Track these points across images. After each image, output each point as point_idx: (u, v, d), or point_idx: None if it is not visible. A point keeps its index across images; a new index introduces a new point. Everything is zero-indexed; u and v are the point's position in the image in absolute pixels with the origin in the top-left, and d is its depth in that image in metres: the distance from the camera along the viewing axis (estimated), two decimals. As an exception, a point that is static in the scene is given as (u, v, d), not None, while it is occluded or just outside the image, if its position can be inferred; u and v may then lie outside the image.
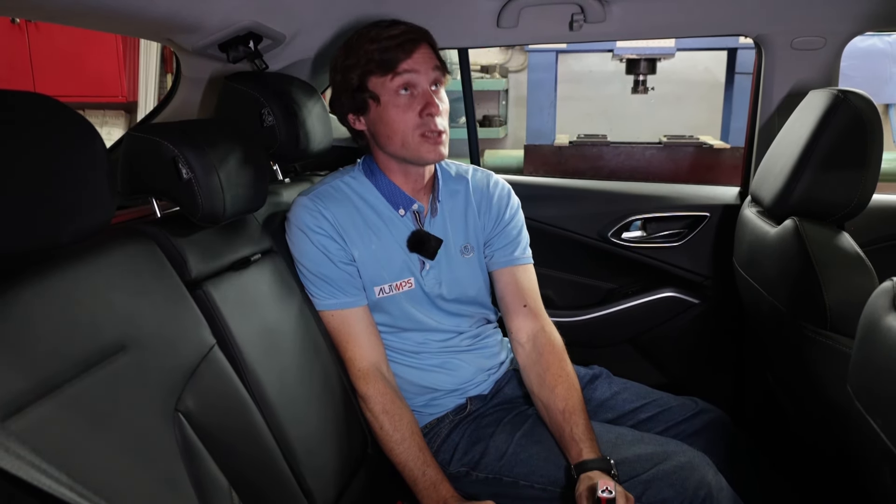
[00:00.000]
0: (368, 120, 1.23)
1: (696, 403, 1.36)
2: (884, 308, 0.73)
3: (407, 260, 1.28)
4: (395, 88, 1.17)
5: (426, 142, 1.18)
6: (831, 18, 1.56)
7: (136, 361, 0.87)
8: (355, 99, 1.21)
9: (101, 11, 1.10)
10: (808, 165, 1.25)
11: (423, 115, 1.17)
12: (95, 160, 0.81)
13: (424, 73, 1.18)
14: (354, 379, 1.25)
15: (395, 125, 1.18)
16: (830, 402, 1.05)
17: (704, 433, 1.31)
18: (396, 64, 1.16)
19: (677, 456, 1.13)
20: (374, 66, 1.17)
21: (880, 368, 0.73)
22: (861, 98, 1.23)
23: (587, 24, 1.60)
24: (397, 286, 1.27)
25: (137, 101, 3.77)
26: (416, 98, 1.18)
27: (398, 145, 1.20)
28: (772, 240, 1.31)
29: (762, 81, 1.69)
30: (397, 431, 1.21)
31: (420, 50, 1.18)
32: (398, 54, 1.16)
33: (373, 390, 1.23)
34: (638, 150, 3.08)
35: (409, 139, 1.19)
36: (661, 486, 1.10)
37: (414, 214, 1.29)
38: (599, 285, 1.99)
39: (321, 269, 1.24)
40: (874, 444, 0.73)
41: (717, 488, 1.10)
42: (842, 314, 1.08)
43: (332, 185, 1.28)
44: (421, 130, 1.18)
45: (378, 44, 1.16)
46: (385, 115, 1.19)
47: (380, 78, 1.17)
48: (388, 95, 1.18)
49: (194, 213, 1.06)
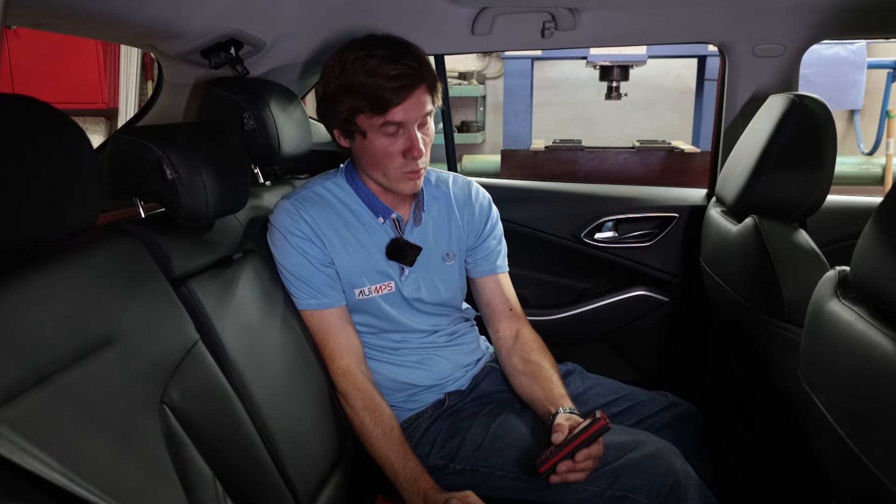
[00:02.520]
0: (353, 145, 1.25)
1: (667, 398, 1.41)
2: (827, 295, 0.79)
3: (386, 264, 1.31)
4: (382, 125, 1.18)
5: (405, 178, 1.23)
6: (790, 27, 1.64)
7: (123, 355, 0.90)
8: (342, 128, 1.24)
9: (83, 18, 1.14)
10: (766, 166, 1.32)
11: (407, 157, 1.20)
12: (82, 160, 0.84)
13: (414, 115, 1.18)
14: (334, 376, 1.28)
15: (378, 159, 1.22)
16: (786, 390, 1.11)
17: (674, 426, 1.36)
18: (387, 108, 1.16)
19: (647, 445, 1.17)
20: (364, 104, 1.16)
21: (824, 350, 0.78)
22: (816, 102, 1.30)
23: (558, 31, 1.67)
24: (377, 289, 1.31)
25: (118, 107, 3.77)
26: (402, 138, 1.19)
27: (379, 174, 1.25)
28: (734, 237, 1.37)
29: (726, 87, 1.77)
30: (377, 427, 1.24)
31: (414, 95, 1.17)
32: (392, 97, 1.15)
33: (352, 387, 1.27)
34: (611, 155, 3.15)
35: (390, 174, 1.23)
36: (631, 473, 1.14)
37: (393, 222, 1.32)
38: (573, 285, 2.05)
39: (300, 270, 1.27)
40: (820, 422, 0.79)
41: (684, 476, 1.14)
42: (798, 306, 1.14)
43: (313, 190, 1.31)
44: (403, 169, 1.22)
45: (373, 80, 1.14)
46: (370, 148, 1.21)
47: (369, 117, 1.18)
48: (374, 132, 1.19)
49: (178, 213, 1.09)
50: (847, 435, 0.71)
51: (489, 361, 1.44)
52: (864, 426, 0.68)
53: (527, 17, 1.66)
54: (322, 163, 1.89)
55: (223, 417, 1.03)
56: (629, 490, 1.13)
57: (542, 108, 4.49)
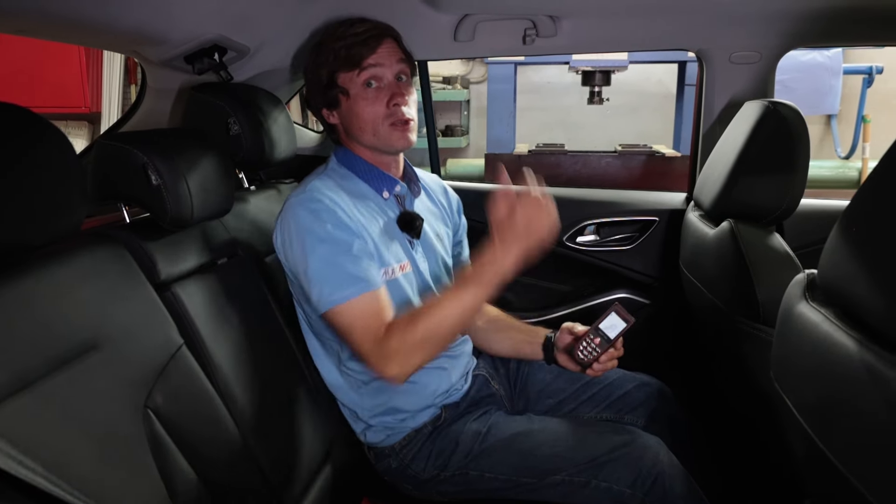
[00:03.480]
0: (341, 114, 1.28)
1: (637, 377, 1.45)
2: (796, 297, 0.82)
3: (400, 241, 1.29)
4: (362, 82, 1.23)
5: (395, 130, 1.24)
6: (766, 35, 1.67)
7: (107, 360, 0.91)
8: (327, 95, 1.26)
9: (66, 24, 1.14)
10: (741, 171, 1.35)
11: (391, 106, 1.23)
12: (65, 166, 0.85)
13: (389, 67, 1.24)
14: (386, 344, 1.11)
15: (364, 116, 1.24)
16: (761, 390, 1.14)
17: (647, 404, 1.40)
18: (361, 60, 1.22)
19: (633, 440, 1.20)
20: (341, 63, 1.23)
21: (793, 351, 0.81)
22: (789, 109, 1.33)
23: (539, 38, 1.69)
24: (401, 267, 1.27)
25: (101, 111, 3.74)
26: (383, 90, 1.23)
27: (370, 135, 1.25)
28: (710, 241, 1.40)
29: (704, 93, 1.80)
30: (426, 318, 1.12)
31: (384, 45, 1.24)
32: (362, 50, 1.22)
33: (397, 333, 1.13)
34: (594, 159, 3.19)
35: (380, 128, 1.24)
36: (617, 466, 1.16)
37: (396, 198, 1.32)
38: (556, 288, 2.07)
39: (339, 254, 1.14)
40: (791, 421, 0.82)
41: (669, 466, 1.17)
42: (772, 308, 1.17)
43: (319, 182, 1.24)
44: (390, 120, 1.24)
45: (344, 41, 1.22)
46: (355, 107, 1.24)
47: (347, 73, 1.23)
48: (357, 89, 1.23)
49: (163, 218, 1.10)
50: (815, 434, 0.73)
51: (476, 371, 1.45)
52: (830, 425, 0.71)
53: (508, 24, 1.69)
54: (307, 168, 1.90)
55: (207, 421, 1.04)
56: (614, 482, 1.16)
57: (525, 112, 4.52)
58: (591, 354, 1.25)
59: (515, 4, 1.60)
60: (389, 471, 1.30)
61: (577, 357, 1.26)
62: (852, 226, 0.68)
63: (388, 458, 1.29)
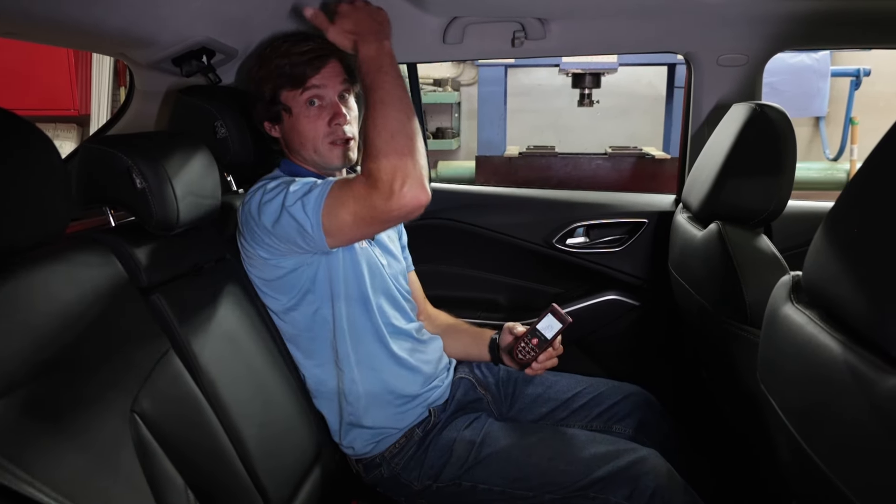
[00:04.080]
0: (283, 129, 1.30)
1: (626, 387, 1.45)
2: (782, 299, 0.82)
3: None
4: (305, 101, 1.25)
5: (335, 148, 1.26)
6: (753, 38, 1.68)
7: (91, 365, 0.90)
8: (269, 110, 1.28)
9: (54, 27, 1.13)
10: (729, 174, 1.35)
11: (332, 124, 1.25)
12: (51, 170, 0.84)
13: (332, 87, 1.26)
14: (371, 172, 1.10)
15: (306, 134, 1.26)
16: (749, 392, 1.14)
17: (636, 413, 1.41)
18: (305, 79, 1.24)
19: (630, 453, 1.20)
20: (284, 81, 1.24)
21: (778, 353, 0.81)
22: (776, 111, 1.34)
23: (528, 40, 1.69)
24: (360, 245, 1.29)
25: (90, 114, 3.72)
26: (325, 109, 1.25)
27: (310, 152, 1.27)
28: (699, 243, 1.41)
29: (692, 95, 1.81)
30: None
31: (329, 65, 1.26)
32: (307, 70, 1.24)
33: None
34: (584, 161, 3.19)
35: (320, 146, 1.26)
36: (617, 480, 1.16)
37: None
38: (546, 290, 2.07)
39: (306, 182, 1.19)
40: (777, 423, 0.82)
41: (667, 479, 1.17)
42: (759, 310, 1.17)
43: (274, 179, 1.26)
44: (330, 139, 1.26)
45: (289, 59, 1.24)
46: (297, 125, 1.26)
47: (290, 91, 1.25)
48: (299, 108, 1.25)
49: (148, 222, 1.09)
50: (800, 436, 0.73)
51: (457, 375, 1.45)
52: (815, 427, 0.71)
53: (497, 27, 1.69)
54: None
55: (194, 425, 1.03)
56: (611, 494, 1.16)
57: (516, 114, 4.53)
58: (528, 354, 1.30)
59: (504, 7, 1.61)
60: (381, 481, 1.30)
61: (517, 357, 1.32)
62: (854, 226, 0.68)
63: (380, 468, 1.29)
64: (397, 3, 1.57)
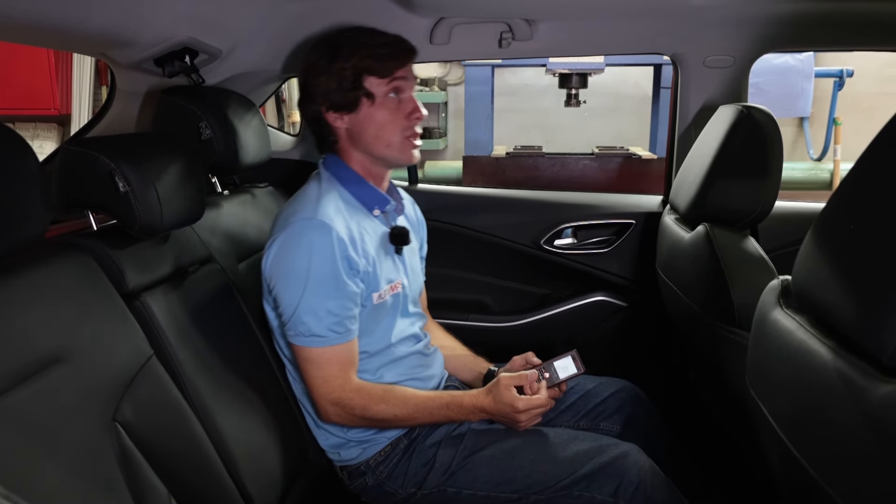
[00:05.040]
0: (354, 118, 1.23)
1: (614, 382, 1.45)
2: (771, 304, 0.82)
3: (390, 260, 1.29)
4: (388, 91, 1.22)
5: (409, 144, 1.25)
6: (739, 39, 1.69)
7: (71, 373, 0.88)
8: (347, 96, 1.22)
9: (32, 27, 1.11)
10: (716, 176, 1.35)
11: (411, 118, 1.24)
12: (27, 175, 0.82)
13: (412, 82, 1.26)
14: (347, 395, 1.19)
15: (385, 125, 1.23)
16: (737, 394, 1.14)
17: (623, 410, 1.41)
18: (393, 70, 1.22)
19: (612, 449, 1.20)
20: (372, 67, 1.21)
21: (767, 358, 0.81)
22: (763, 113, 1.34)
23: (515, 41, 1.69)
24: (391, 288, 1.27)
25: (71, 113, 3.66)
26: (405, 102, 1.24)
27: (383, 146, 1.24)
28: (686, 244, 1.41)
29: (679, 96, 1.81)
30: (405, 406, 1.22)
31: (411, 62, 1.26)
32: (393, 61, 1.22)
33: (367, 396, 1.21)
34: (571, 161, 3.19)
35: (395, 140, 1.23)
36: (600, 476, 1.17)
37: (383, 214, 1.31)
38: (534, 291, 2.07)
39: (339, 305, 1.16)
40: (765, 427, 0.82)
41: (649, 473, 1.17)
42: (747, 312, 1.18)
43: (323, 203, 1.20)
44: (407, 133, 1.24)
45: (373, 48, 1.22)
46: (377, 114, 1.22)
47: (377, 79, 1.22)
48: (382, 96, 1.22)
49: (131, 226, 1.07)
50: (790, 441, 0.73)
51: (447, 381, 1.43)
52: (805, 433, 0.71)
53: (484, 28, 1.68)
54: (281, 171, 1.88)
55: (178, 433, 1.02)
56: (596, 492, 1.16)
57: (503, 114, 4.52)
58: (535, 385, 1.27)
59: (491, 8, 1.60)
60: (366, 490, 1.28)
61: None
62: (848, 225, 0.68)
63: (364, 476, 1.27)
64: (384, 2, 1.56)
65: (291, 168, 1.95)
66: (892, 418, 0.55)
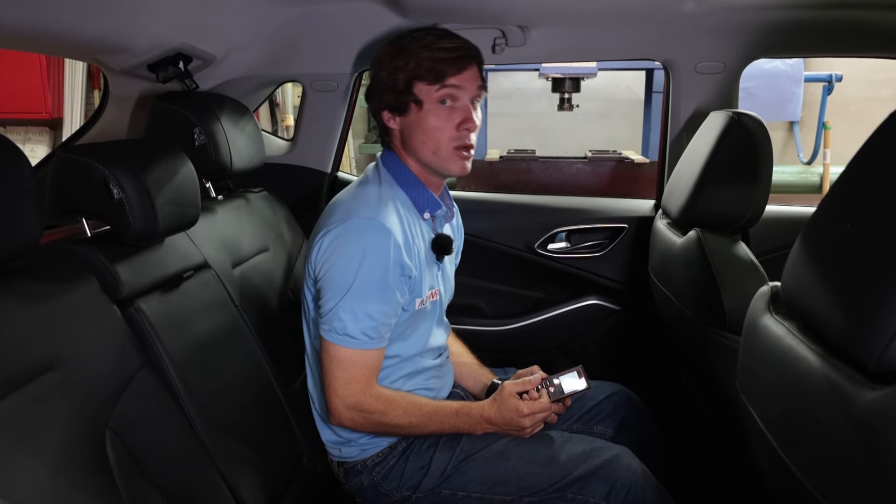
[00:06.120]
0: (405, 122, 1.22)
1: (606, 386, 1.46)
2: (761, 309, 0.83)
3: (432, 266, 1.29)
4: (439, 98, 1.19)
5: (457, 154, 1.21)
6: (729, 46, 1.70)
7: (64, 380, 0.88)
8: (398, 99, 1.21)
9: (24, 33, 1.11)
10: (707, 182, 1.37)
11: (461, 129, 1.19)
12: (21, 183, 0.83)
13: (468, 91, 1.20)
14: (369, 401, 1.17)
15: (432, 133, 1.20)
16: (728, 398, 1.15)
17: (616, 413, 1.42)
18: (445, 76, 1.18)
19: (604, 451, 1.21)
20: (423, 73, 1.18)
21: (757, 363, 0.82)
22: (753, 120, 1.36)
23: (509, 47, 1.70)
24: (431, 295, 1.27)
25: (63, 117, 3.64)
26: (457, 111, 1.20)
27: (429, 153, 1.21)
28: (678, 249, 1.42)
29: (671, 102, 1.83)
30: (418, 415, 1.21)
31: (470, 69, 1.21)
32: (449, 68, 1.18)
33: (386, 400, 1.20)
34: (565, 165, 3.20)
35: (443, 149, 1.20)
36: (592, 479, 1.18)
37: (432, 219, 1.30)
38: (528, 295, 2.08)
39: (382, 312, 1.15)
40: (755, 430, 0.83)
41: (641, 477, 1.19)
42: (738, 317, 1.18)
43: (381, 204, 1.19)
44: (455, 143, 1.20)
45: (431, 52, 1.18)
46: (424, 120, 1.20)
47: (427, 85, 1.18)
48: (431, 103, 1.19)
49: (126, 233, 1.07)
50: (778, 445, 0.74)
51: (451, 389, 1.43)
52: (792, 437, 0.72)
53: (477, 34, 1.68)
54: (275, 176, 1.88)
55: (172, 439, 1.02)
56: (590, 495, 1.17)
57: (496, 117, 4.53)
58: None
59: (485, 14, 1.61)
60: (360, 490, 1.29)
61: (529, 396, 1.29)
62: (846, 222, 0.68)
63: (360, 476, 1.28)
64: (378, 9, 1.57)
65: (286, 173, 1.96)
66: (877, 424, 0.55)
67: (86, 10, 1.11)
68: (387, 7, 1.56)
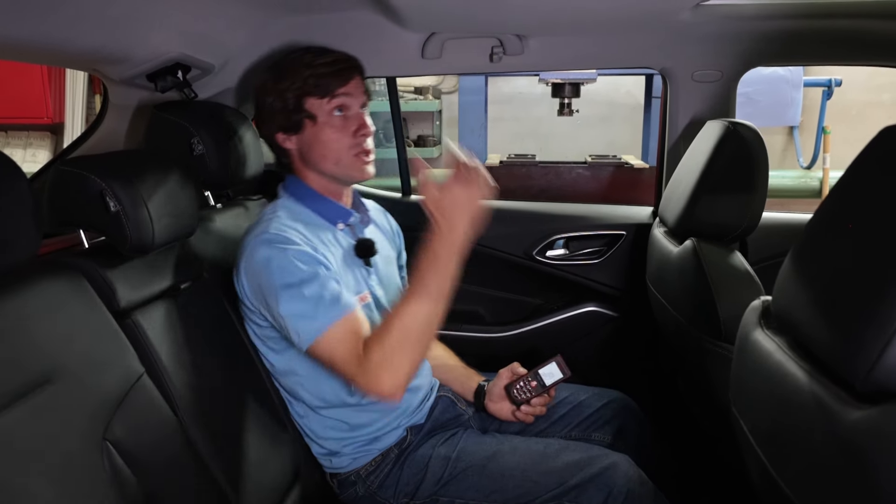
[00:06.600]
0: (301, 139, 1.25)
1: (607, 393, 1.47)
2: (753, 324, 0.84)
3: (357, 272, 1.29)
4: (331, 109, 1.23)
5: (358, 160, 1.24)
6: (726, 54, 1.71)
7: (61, 393, 0.89)
8: (290, 119, 1.24)
9: (22, 44, 1.11)
10: (703, 192, 1.37)
11: (357, 136, 1.23)
12: (19, 197, 0.83)
13: (357, 98, 1.25)
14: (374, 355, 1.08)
15: (330, 144, 1.23)
16: (723, 407, 1.16)
17: (614, 421, 1.43)
18: (333, 88, 1.22)
19: (601, 459, 1.21)
20: (311, 88, 1.22)
21: (748, 377, 0.83)
22: (749, 129, 1.36)
23: (507, 56, 1.70)
24: (361, 298, 1.26)
25: (64, 122, 3.65)
26: (350, 119, 1.23)
27: (331, 164, 1.25)
28: (674, 258, 1.42)
29: (668, 110, 1.83)
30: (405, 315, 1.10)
31: (354, 79, 1.25)
32: (335, 80, 1.22)
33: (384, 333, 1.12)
34: (565, 170, 3.21)
35: (343, 158, 1.24)
36: (590, 486, 1.18)
37: (349, 227, 1.32)
38: (527, 301, 2.08)
39: (318, 284, 1.12)
40: (745, 443, 0.83)
41: (638, 483, 1.19)
42: (733, 326, 1.18)
43: (275, 219, 1.21)
44: (355, 150, 1.24)
45: (313, 69, 1.22)
46: (321, 134, 1.23)
47: (318, 100, 1.22)
48: (325, 116, 1.22)
49: (123, 245, 1.08)
50: (767, 459, 0.74)
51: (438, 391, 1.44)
52: (781, 453, 0.72)
53: (476, 42, 1.70)
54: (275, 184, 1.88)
55: (170, 451, 1.02)
56: (587, 502, 1.17)
57: (497, 122, 4.54)
58: (525, 394, 1.35)
59: (482, 23, 1.61)
60: (356, 500, 1.29)
61: (513, 394, 1.36)
62: (848, 222, 0.67)
63: (355, 486, 1.28)
64: (376, 18, 1.57)
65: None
66: (863, 444, 0.56)
67: (85, 21, 1.12)
68: (385, 17, 1.56)
